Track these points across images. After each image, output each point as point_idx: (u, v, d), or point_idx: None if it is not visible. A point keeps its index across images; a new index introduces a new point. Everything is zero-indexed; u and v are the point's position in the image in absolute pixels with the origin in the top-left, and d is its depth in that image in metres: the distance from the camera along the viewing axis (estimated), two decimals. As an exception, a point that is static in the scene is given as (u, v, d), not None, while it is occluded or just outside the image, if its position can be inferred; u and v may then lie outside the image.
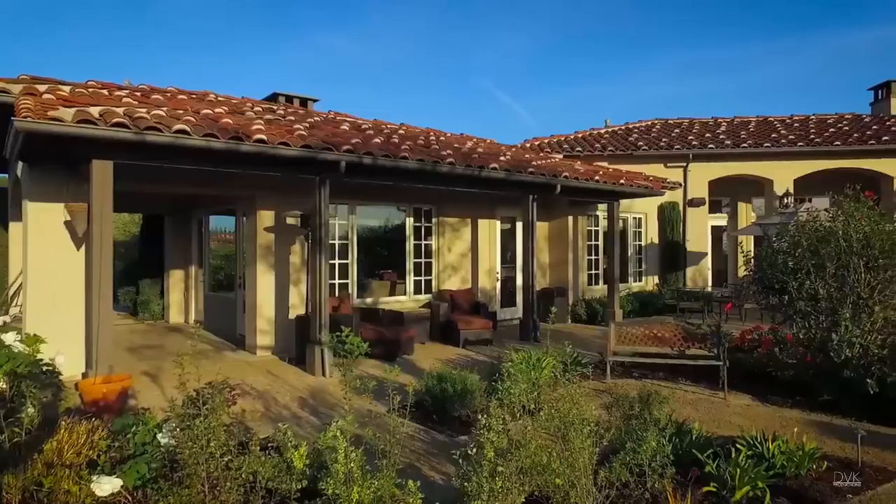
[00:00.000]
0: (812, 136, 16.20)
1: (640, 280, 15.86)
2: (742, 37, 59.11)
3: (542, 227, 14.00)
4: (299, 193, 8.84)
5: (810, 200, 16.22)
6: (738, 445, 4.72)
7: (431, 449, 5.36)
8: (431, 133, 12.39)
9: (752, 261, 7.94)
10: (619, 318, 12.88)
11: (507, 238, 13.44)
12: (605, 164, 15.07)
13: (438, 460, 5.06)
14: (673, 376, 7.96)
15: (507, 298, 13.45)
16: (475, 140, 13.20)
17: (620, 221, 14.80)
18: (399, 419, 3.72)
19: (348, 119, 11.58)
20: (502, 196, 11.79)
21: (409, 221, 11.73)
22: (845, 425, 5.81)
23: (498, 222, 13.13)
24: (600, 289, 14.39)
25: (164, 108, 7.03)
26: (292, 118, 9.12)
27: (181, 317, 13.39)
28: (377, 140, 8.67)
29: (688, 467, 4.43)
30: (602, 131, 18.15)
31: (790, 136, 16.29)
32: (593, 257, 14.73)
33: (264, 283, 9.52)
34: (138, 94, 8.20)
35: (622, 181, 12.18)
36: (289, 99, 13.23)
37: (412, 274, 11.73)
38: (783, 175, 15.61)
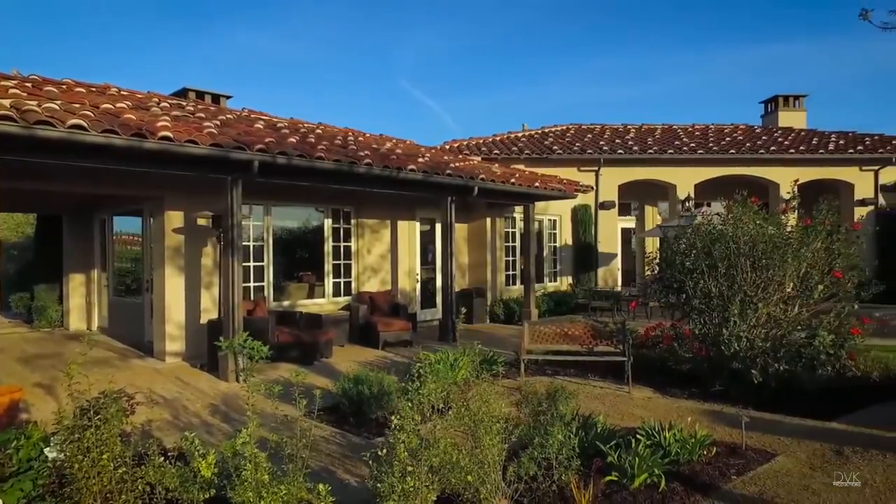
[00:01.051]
0: (710, 145, 17.38)
1: (556, 280, 16.42)
2: (651, 47, 62.50)
3: (460, 229, 14.20)
4: (211, 193, 8.54)
5: (709, 205, 17.37)
6: (638, 436, 5.02)
7: (347, 452, 5.35)
8: (350, 133, 12.30)
9: (654, 261, 8.43)
10: (534, 317, 13.30)
11: (427, 239, 13.54)
12: (521, 166, 15.49)
13: (353, 463, 5.06)
14: (583, 372, 8.32)
15: (428, 299, 13.56)
16: (394, 141, 13.22)
17: (536, 223, 15.26)
18: (311, 423, 3.70)
19: (263, 117, 11.29)
20: (421, 197, 11.88)
21: (328, 223, 11.58)
22: (733, 413, 6.28)
23: (417, 224, 13.21)
24: (517, 289, 14.79)
25: (59, 101, 6.59)
26: (202, 115, 8.78)
27: (83, 323, 12.57)
28: (292, 139, 8.51)
29: (593, 459, 4.66)
30: (519, 135, 18.65)
31: (691, 144, 17.40)
32: (511, 258, 15.11)
33: (173, 286, 9.12)
34: (29, 84, 7.64)
35: (537, 184, 12.58)
36: (200, 95, 12.71)
37: (331, 276, 11.59)
38: (685, 180, 16.65)
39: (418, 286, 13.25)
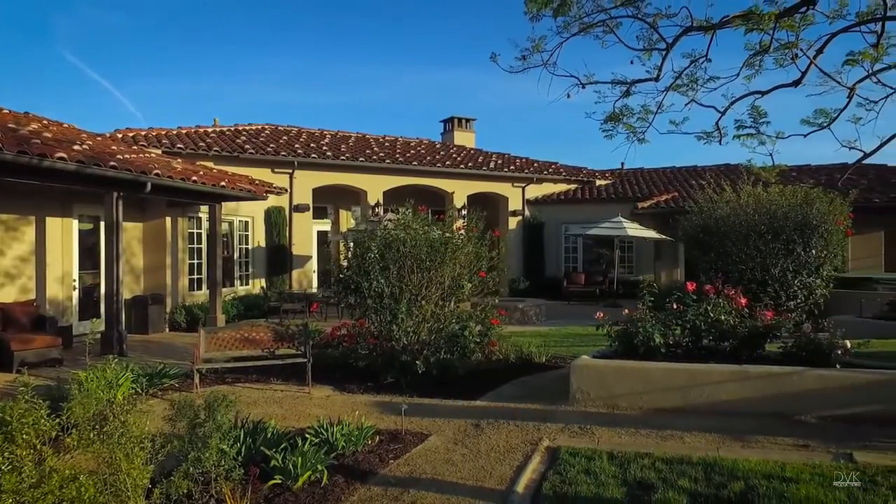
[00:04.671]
0: (397, 156, 18.87)
1: (248, 283, 15.82)
2: (350, 59, 65.24)
3: (135, 229, 12.65)
4: None
5: (396, 211, 18.90)
6: (307, 435, 5.10)
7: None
8: (-23, 107, 9.87)
9: (336, 264, 8.74)
10: (221, 322, 12.58)
11: (92, 240, 11.69)
12: (210, 164, 14.53)
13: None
14: (266, 377, 8.13)
15: (90, 309, 11.70)
16: (44, 122, 11.06)
17: (226, 224, 14.51)
18: None
19: None
20: (82, 191, 10.17)
21: (-62, 217, 9.08)
22: (400, 402, 6.86)
23: (76, 221, 11.29)
24: (203, 294, 13.80)
25: None
26: None
27: None
28: None
29: (259, 465, 4.56)
30: (209, 130, 17.48)
31: (381, 154, 18.63)
32: (196, 261, 14.04)
33: None
34: None
35: (223, 183, 11.93)
36: None
37: (-57, 284, 9.10)
38: (375, 187, 17.75)
39: (76, 294, 11.32)
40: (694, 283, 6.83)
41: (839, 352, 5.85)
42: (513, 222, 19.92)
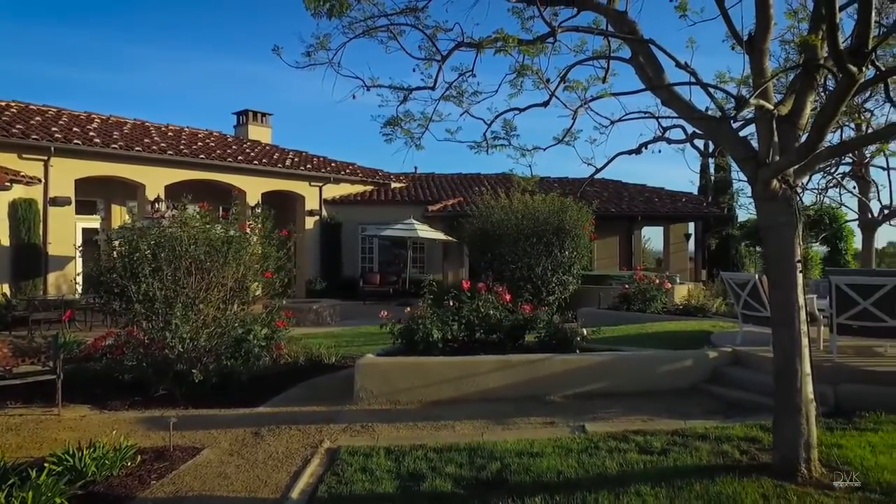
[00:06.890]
0: (182, 147, 17.39)
1: (-14, 290, 13.35)
2: (132, 37, 58.30)
3: None
4: None
5: (185, 207, 17.39)
6: (46, 464, 4.46)
7: None
8: None
9: (101, 266, 7.79)
10: (-53, 338, 10.43)
11: None
12: (-69, 145, 11.96)
13: None
14: (1, 400, 6.94)
15: None
16: None
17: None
18: None
19: None
20: None
21: None
22: (172, 415, 6.34)
23: None
24: (-78, 303, 11.32)
25: None
26: None
27: None
28: None
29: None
30: (-68, 104, 14.38)
31: (162, 144, 17.01)
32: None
33: None
34: None
35: (-51, 169, 9.90)
36: None
37: None
38: (155, 180, 16.15)
39: None
40: (469, 282, 7.39)
41: (579, 339, 6.80)
42: (310, 222, 19.58)
